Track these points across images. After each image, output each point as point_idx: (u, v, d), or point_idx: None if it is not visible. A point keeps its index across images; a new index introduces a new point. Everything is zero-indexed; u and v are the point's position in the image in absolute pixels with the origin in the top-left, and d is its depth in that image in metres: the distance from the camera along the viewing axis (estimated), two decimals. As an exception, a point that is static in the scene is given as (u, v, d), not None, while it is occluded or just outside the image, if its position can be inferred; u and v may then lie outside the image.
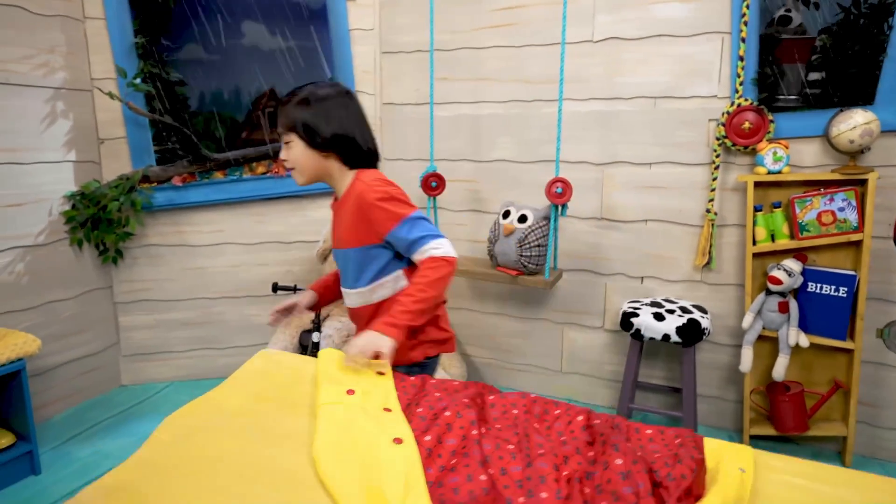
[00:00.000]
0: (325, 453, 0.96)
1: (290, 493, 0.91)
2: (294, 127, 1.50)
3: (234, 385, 1.25)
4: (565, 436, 1.04)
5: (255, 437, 1.06)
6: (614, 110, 2.61)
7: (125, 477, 0.93)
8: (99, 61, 2.74)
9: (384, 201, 1.46)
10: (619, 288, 2.74)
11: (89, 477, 2.27)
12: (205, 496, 0.90)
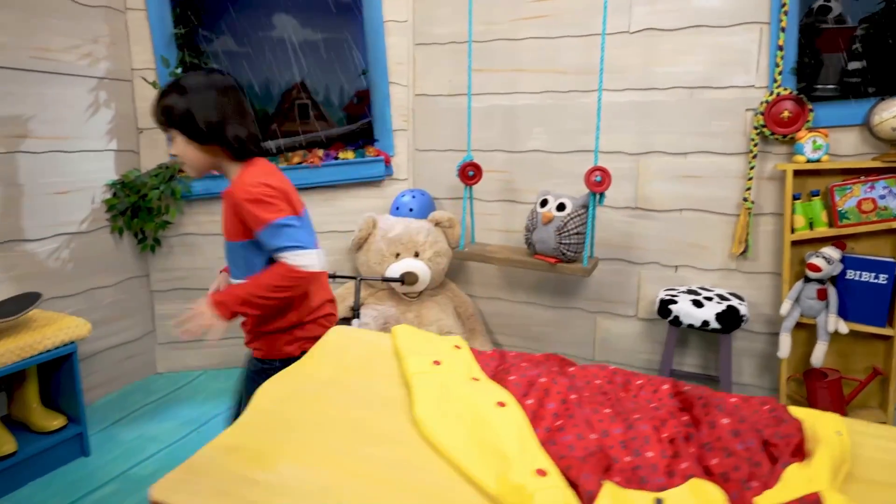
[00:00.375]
0: (428, 417, 0.99)
1: (397, 452, 0.94)
2: (170, 120, 1.49)
3: (317, 358, 1.29)
4: (654, 402, 1.07)
5: (350, 403, 1.10)
6: (650, 100, 2.64)
7: (237, 438, 0.96)
8: (139, 52, 2.77)
9: (251, 203, 1.43)
10: (652, 277, 2.77)
11: (137, 459, 2.31)
12: (317, 454, 0.93)
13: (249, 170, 1.51)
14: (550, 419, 0.96)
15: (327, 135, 3.04)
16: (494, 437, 0.91)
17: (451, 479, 0.87)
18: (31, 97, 2.36)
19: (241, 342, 3.06)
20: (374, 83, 3.00)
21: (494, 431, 0.92)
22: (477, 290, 3.18)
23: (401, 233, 2.83)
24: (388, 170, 3.06)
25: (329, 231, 3.10)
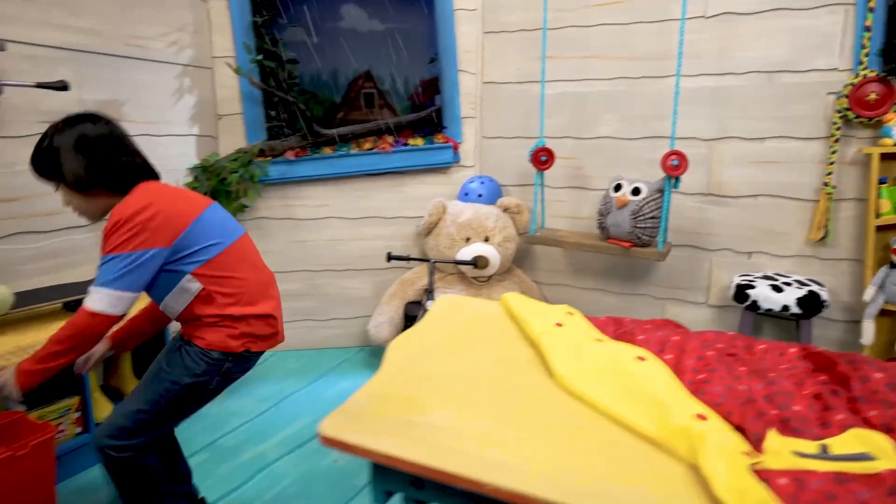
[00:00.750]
0: (567, 371, 1.02)
1: (543, 403, 0.97)
2: (49, 175, 1.48)
3: (431, 324, 1.32)
4: (784, 364, 1.07)
5: (479, 361, 1.13)
6: (726, 86, 2.61)
7: (383, 387, 1.00)
8: (219, 40, 2.86)
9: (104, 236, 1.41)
10: (724, 263, 2.75)
11: (222, 431, 2.39)
12: (466, 403, 0.96)
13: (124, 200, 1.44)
14: (691, 374, 0.98)
15: (396, 122, 3.09)
16: (642, 387, 0.93)
17: (605, 425, 0.90)
18: (126, 83, 2.46)
19: (313, 324, 3.16)
20: (444, 71, 3.04)
21: (641, 382, 0.94)
22: (543, 277, 3.20)
23: (471, 217, 2.86)
24: (455, 156, 3.10)
25: (396, 217, 3.15)
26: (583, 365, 1.03)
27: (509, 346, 1.20)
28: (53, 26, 2.17)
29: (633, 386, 0.94)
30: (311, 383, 2.83)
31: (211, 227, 1.52)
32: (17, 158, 2.11)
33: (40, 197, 2.19)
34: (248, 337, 1.54)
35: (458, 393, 0.99)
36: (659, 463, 0.81)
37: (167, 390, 1.50)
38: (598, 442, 0.85)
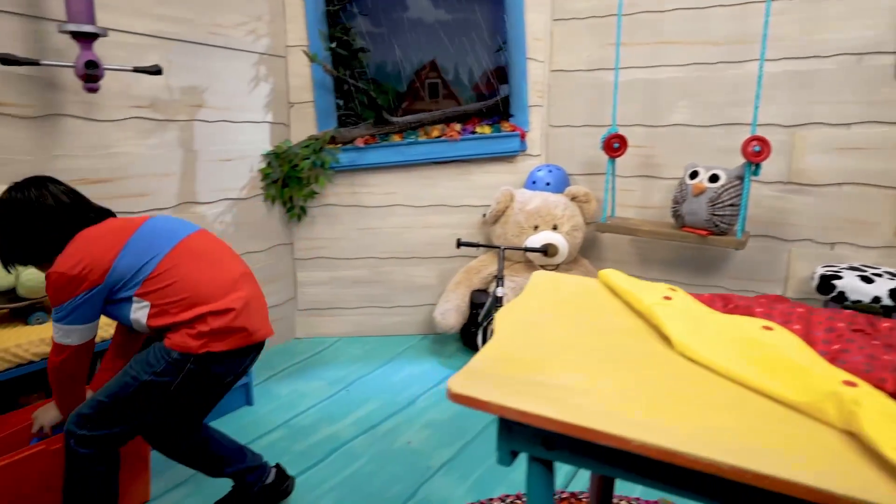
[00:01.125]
0: (688, 338, 0.99)
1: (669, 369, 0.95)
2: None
3: (532, 296, 1.32)
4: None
5: (591, 329, 1.12)
6: (810, 69, 2.52)
7: (499, 351, 1.00)
8: (293, 29, 2.92)
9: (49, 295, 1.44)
10: (805, 254, 2.65)
11: (295, 411, 2.43)
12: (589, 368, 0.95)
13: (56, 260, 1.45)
14: (823, 345, 0.94)
15: (463, 111, 3.10)
16: (777, 354, 0.90)
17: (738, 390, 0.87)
18: (207, 70, 2.53)
19: (378, 311, 3.19)
20: (512, 59, 3.03)
21: (774, 349, 0.91)
22: (609, 266, 3.10)
23: (539, 205, 2.84)
24: (522, 145, 3.08)
25: (462, 205, 3.15)
26: (704, 334, 1.00)
27: (616, 317, 1.18)
28: (146, 15, 2.26)
29: (766, 353, 0.91)
30: (378, 368, 2.86)
31: (143, 245, 1.50)
32: (112, 141, 2.20)
33: (133, 178, 2.28)
34: (207, 336, 1.48)
35: (578, 357, 0.98)
36: (806, 427, 0.78)
37: (126, 384, 1.49)
38: (736, 406, 0.82)
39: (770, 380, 0.85)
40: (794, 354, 0.89)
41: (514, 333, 1.10)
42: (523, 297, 1.30)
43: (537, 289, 1.35)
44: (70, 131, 2.07)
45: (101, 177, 2.18)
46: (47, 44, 1.97)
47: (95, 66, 1.87)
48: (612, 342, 1.06)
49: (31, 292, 1.77)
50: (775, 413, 0.82)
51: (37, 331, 1.76)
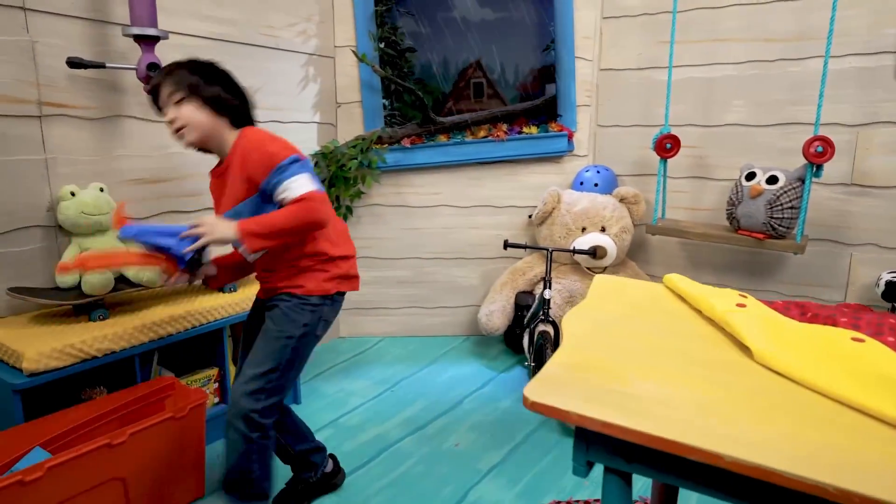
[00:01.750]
0: (770, 347, 0.95)
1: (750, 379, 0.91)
2: (186, 84, 1.50)
3: (599, 298, 1.29)
4: None
5: (664, 334, 1.09)
6: (878, 66, 2.42)
7: (571, 358, 0.98)
8: (341, 30, 2.94)
9: (259, 147, 1.50)
10: (868, 259, 2.54)
11: (343, 410, 2.45)
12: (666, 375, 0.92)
13: (246, 133, 1.55)
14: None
15: (510, 110, 3.07)
16: (872, 368, 0.85)
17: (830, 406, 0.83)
18: (259, 71, 2.56)
19: (420, 312, 3.18)
20: (560, 58, 2.99)
21: (868, 363, 0.86)
22: (657, 270, 3.08)
23: (587, 207, 2.80)
24: (570, 145, 3.04)
25: (508, 206, 3.12)
26: (787, 343, 0.96)
27: (687, 323, 1.15)
28: (201, 17, 2.30)
29: (859, 366, 0.86)
30: (423, 369, 2.85)
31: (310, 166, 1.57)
32: (169, 141, 2.23)
33: (187, 178, 2.33)
34: (337, 279, 1.62)
35: (653, 364, 0.95)
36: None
37: (284, 346, 1.55)
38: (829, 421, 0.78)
39: (866, 394, 0.81)
40: (891, 367, 0.84)
41: (584, 338, 1.07)
42: (589, 300, 1.28)
43: (601, 292, 1.32)
44: (131, 132, 2.12)
45: (159, 177, 2.23)
46: (111, 47, 2.02)
47: (157, 68, 1.91)
48: (687, 348, 1.02)
49: (94, 289, 1.81)
50: (874, 430, 0.78)
51: (99, 326, 1.80)
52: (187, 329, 1.99)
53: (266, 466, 1.59)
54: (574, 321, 1.14)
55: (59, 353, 1.65)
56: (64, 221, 1.89)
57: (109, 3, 1.99)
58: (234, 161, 1.54)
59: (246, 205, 1.54)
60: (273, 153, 1.48)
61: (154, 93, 1.54)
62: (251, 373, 1.53)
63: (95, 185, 1.96)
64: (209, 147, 1.59)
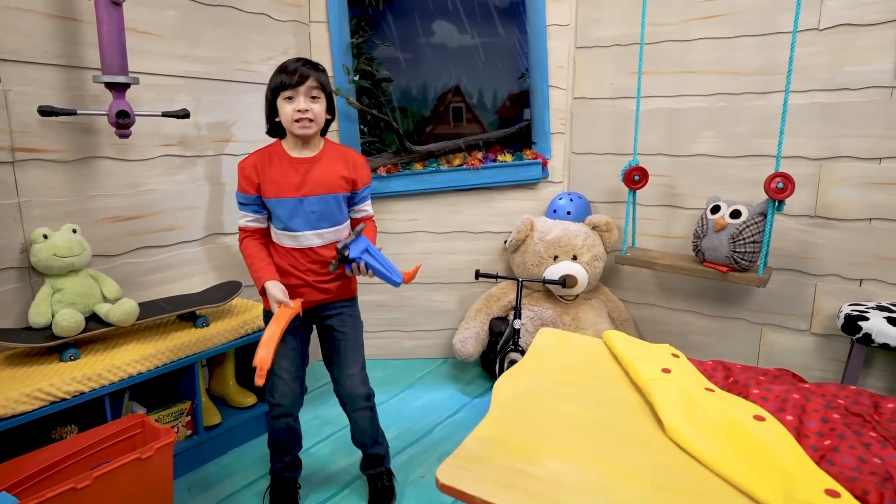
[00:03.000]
0: (680, 425, 1.00)
1: (659, 457, 0.96)
2: (325, 87, 1.81)
3: (539, 358, 1.34)
4: (918, 429, 1.01)
5: (588, 404, 1.13)
6: (839, 102, 2.46)
7: (494, 431, 1.03)
8: (318, 60, 2.95)
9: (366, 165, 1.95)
10: (831, 290, 2.59)
11: (315, 439, 2.49)
12: (579, 452, 0.97)
13: (333, 142, 1.93)
14: (815, 438, 0.94)
15: (486, 138, 3.12)
16: (765, 452, 0.90)
17: (724, 491, 0.88)
18: (235, 105, 2.62)
19: (400, 335, 3.23)
20: (534, 86, 3.03)
21: (762, 446, 0.91)
22: (630, 296, 3.13)
23: (559, 235, 2.84)
24: (544, 172, 3.09)
25: (484, 231, 3.17)
26: (695, 419, 1.01)
27: (616, 388, 1.19)
28: (176, 57, 2.35)
29: (753, 448, 0.91)
30: (398, 394, 2.90)
31: None
32: (143, 179, 2.30)
33: (163, 213, 2.38)
34: None
35: (568, 440, 1.00)
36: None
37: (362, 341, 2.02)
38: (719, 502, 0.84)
39: (755, 480, 0.86)
40: (782, 453, 0.89)
41: (510, 407, 1.12)
42: (527, 360, 1.33)
43: (542, 350, 1.37)
44: (105, 172, 2.18)
45: (134, 214, 2.28)
46: (85, 91, 2.07)
47: (127, 116, 1.96)
48: (608, 420, 1.07)
49: (64, 332, 1.87)
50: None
51: (69, 368, 1.86)
52: (157, 367, 2.04)
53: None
54: (504, 387, 1.19)
55: (27, 396, 1.71)
56: (37, 264, 1.94)
57: (82, 49, 2.04)
58: (332, 160, 1.86)
59: (337, 197, 1.86)
60: (370, 175, 1.96)
61: (300, 77, 1.76)
62: (356, 369, 1.95)
63: (68, 226, 2.02)
64: (307, 139, 1.84)
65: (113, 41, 1.93)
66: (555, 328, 2.67)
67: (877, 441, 0.94)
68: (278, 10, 2.76)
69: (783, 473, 0.85)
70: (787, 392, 1.05)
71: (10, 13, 1.86)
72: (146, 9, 2.22)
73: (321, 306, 1.94)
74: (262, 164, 1.86)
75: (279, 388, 1.94)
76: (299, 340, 1.99)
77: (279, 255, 1.89)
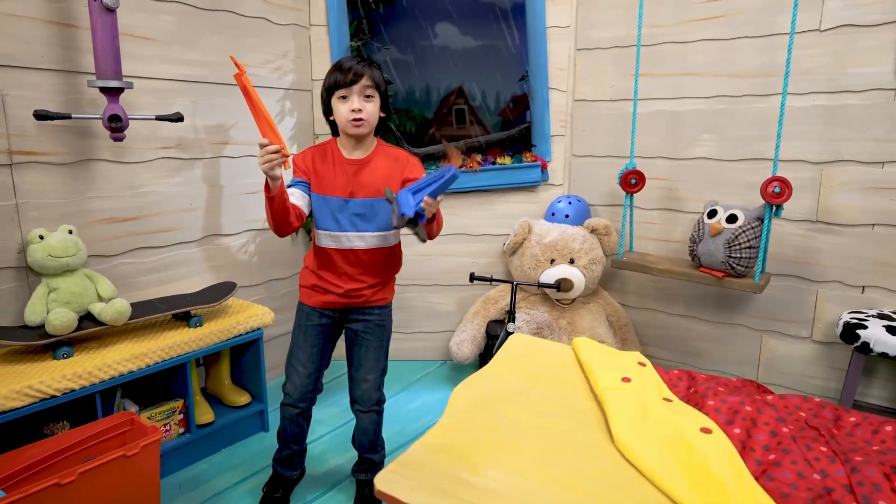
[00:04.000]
0: (626, 436, 0.99)
1: (599, 467, 0.95)
2: (380, 86, 1.78)
3: (502, 364, 1.33)
4: (876, 445, 0.99)
5: (543, 411, 1.13)
6: (840, 104, 2.41)
7: (442, 437, 1.03)
8: (319, 63, 3.02)
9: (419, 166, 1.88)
10: (833, 297, 2.53)
11: (309, 438, 2.51)
12: (521, 460, 0.97)
13: (387, 144, 1.90)
14: (761, 452, 0.93)
15: (486, 140, 3.11)
16: (704, 465, 0.89)
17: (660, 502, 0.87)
18: (233, 108, 2.65)
19: (399, 336, 3.24)
20: (534, 89, 3.02)
21: (703, 459, 0.90)
22: (630, 300, 3.10)
23: (556, 238, 2.83)
24: (544, 175, 3.07)
25: (483, 234, 3.17)
26: (644, 430, 1.00)
27: (575, 397, 1.19)
28: (172, 61, 2.39)
29: (694, 461, 0.90)
30: (394, 395, 2.92)
31: None
32: (141, 181, 2.34)
33: (161, 215, 2.42)
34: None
35: (515, 448, 1.00)
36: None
37: (386, 351, 2.03)
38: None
39: (690, 492, 0.85)
40: (721, 468, 0.88)
41: (463, 415, 1.13)
42: (491, 367, 1.32)
43: (510, 357, 1.37)
44: (102, 174, 2.23)
45: (131, 215, 2.33)
46: (81, 94, 2.12)
47: (119, 120, 2.01)
48: (560, 428, 1.07)
49: (56, 330, 1.91)
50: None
51: (61, 366, 1.90)
52: (149, 365, 2.08)
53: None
54: (462, 395, 1.19)
55: (17, 393, 1.75)
56: (33, 263, 1.99)
57: (77, 54, 2.09)
58: (382, 163, 1.85)
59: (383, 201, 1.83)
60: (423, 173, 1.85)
61: (354, 76, 1.74)
62: (373, 376, 1.98)
63: (64, 227, 2.07)
64: (360, 139, 1.84)
65: (106, 47, 1.98)
66: (550, 332, 2.66)
67: (825, 456, 0.92)
68: (277, 14, 2.79)
69: (718, 488, 0.84)
70: (741, 404, 1.04)
71: (7, 19, 1.91)
72: (144, 14, 2.27)
73: (350, 309, 1.96)
74: (316, 159, 1.90)
75: (292, 379, 2.02)
76: (323, 340, 2.02)
77: (317, 256, 1.93)
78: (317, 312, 1.97)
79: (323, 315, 1.97)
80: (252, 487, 2.18)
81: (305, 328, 1.99)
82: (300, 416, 2.06)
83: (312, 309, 1.97)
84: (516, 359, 1.35)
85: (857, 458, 0.93)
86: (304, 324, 1.99)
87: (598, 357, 1.30)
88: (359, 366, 2.01)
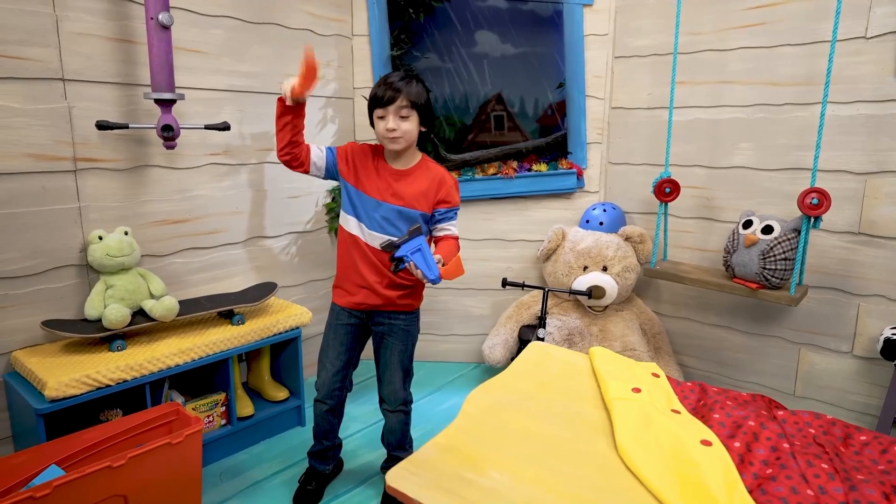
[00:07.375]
0: (629, 445, 1.03)
1: (600, 475, 0.99)
2: (416, 104, 1.81)
3: (518, 371, 1.38)
4: (882, 465, 0.99)
5: (552, 419, 1.17)
6: (886, 114, 2.34)
7: (452, 439, 1.09)
8: (360, 72, 3.12)
9: (456, 188, 1.94)
10: (876, 311, 2.46)
11: (342, 435, 2.61)
12: (524, 465, 1.01)
13: (430, 160, 1.95)
14: (759, 466, 0.95)
15: (524, 147, 3.15)
16: (699, 477, 0.92)
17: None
18: (278, 116, 2.77)
19: (434, 338, 3.32)
20: (571, 96, 3.04)
21: (699, 471, 0.93)
22: (665, 308, 3.08)
23: (590, 246, 2.84)
24: (579, 182, 3.09)
25: (518, 240, 3.21)
26: (645, 440, 1.03)
27: (583, 405, 1.23)
28: (222, 72, 2.53)
29: (690, 472, 0.93)
30: (427, 396, 2.99)
31: None
32: (192, 185, 2.49)
33: (208, 217, 2.57)
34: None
35: (520, 453, 1.05)
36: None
37: (411, 354, 2.12)
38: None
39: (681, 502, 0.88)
40: (716, 480, 0.91)
41: (475, 418, 1.18)
42: (505, 374, 1.38)
43: (524, 365, 1.42)
44: (155, 179, 2.38)
45: (181, 218, 2.48)
46: (139, 105, 2.28)
47: (171, 130, 2.15)
48: (567, 436, 1.11)
49: (112, 324, 2.07)
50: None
51: (115, 357, 2.06)
52: (194, 360, 2.22)
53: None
54: (476, 398, 1.25)
55: (76, 382, 1.91)
56: (92, 262, 2.16)
57: (135, 68, 2.24)
58: (420, 178, 1.91)
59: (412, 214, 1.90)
60: (458, 200, 1.96)
61: (389, 97, 1.81)
62: (398, 378, 2.08)
63: (121, 228, 2.23)
64: (398, 152, 1.91)
65: (161, 62, 2.12)
66: (582, 339, 2.68)
67: (825, 473, 0.94)
68: (321, 26, 2.91)
69: (710, 499, 0.87)
70: (745, 419, 1.06)
71: (75, 38, 2.08)
72: (196, 29, 2.41)
73: (376, 311, 2.04)
74: (364, 156, 1.98)
75: (321, 376, 2.12)
76: (351, 339, 2.09)
77: (341, 241, 2.02)
78: (346, 312, 2.06)
79: (352, 315, 2.06)
80: (288, 479, 2.29)
81: (335, 327, 2.08)
82: (329, 413, 2.15)
83: (342, 309, 2.06)
84: (531, 367, 1.40)
85: (859, 476, 0.94)
86: (333, 322, 2.08)
87: (612, 367, 1.33)
88: (385, 367, 2.10)
